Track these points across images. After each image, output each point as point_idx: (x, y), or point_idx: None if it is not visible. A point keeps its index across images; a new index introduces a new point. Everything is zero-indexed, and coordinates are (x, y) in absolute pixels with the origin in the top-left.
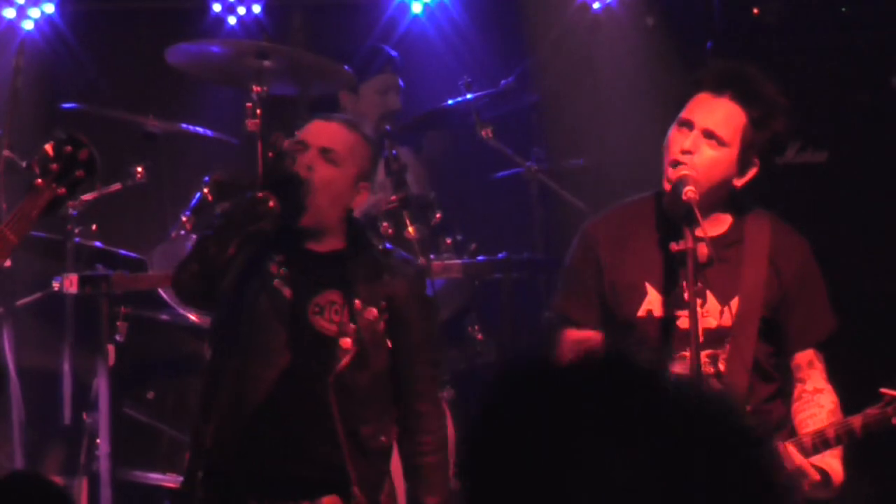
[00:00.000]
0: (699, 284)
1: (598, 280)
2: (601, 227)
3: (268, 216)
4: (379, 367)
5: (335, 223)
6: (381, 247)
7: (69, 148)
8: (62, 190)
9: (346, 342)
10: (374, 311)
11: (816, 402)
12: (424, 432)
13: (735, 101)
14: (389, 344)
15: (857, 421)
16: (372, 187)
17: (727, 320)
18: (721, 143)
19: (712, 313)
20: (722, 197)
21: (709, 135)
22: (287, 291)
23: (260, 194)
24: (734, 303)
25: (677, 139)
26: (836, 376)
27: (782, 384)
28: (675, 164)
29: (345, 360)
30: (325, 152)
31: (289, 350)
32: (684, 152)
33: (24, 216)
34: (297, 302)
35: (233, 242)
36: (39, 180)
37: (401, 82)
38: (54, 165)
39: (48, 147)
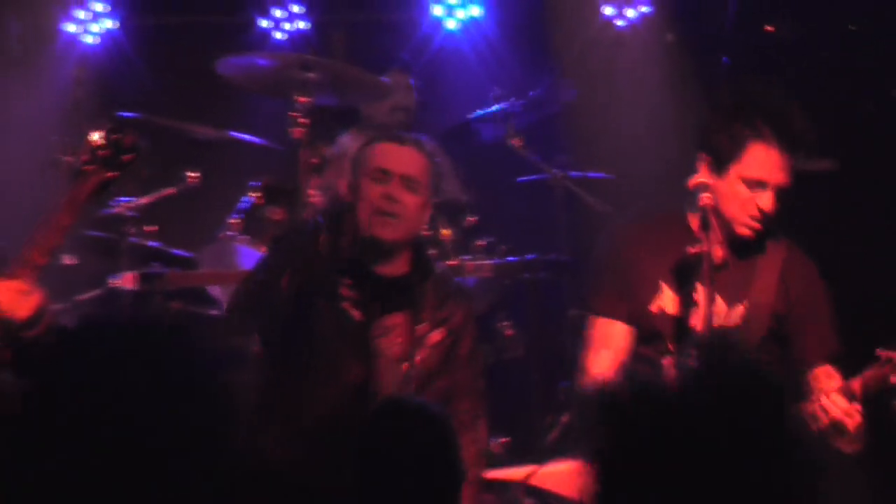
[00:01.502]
0: (713, 287)
1: (622, 276)
2: (629, 230)
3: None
4: (440, 388)
5: (409, 245)
6: (439, 270)
7: (115, 135)
8: (112, 174)
9: (415, 365)
10: (438, 335)
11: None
12: (463, 430)
13: (786, 151)
14: (445, 363)
15: (856, 384)
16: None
17: (731, 322)
18: (785, 189)
19: (718, 314)
20: None
21: (780, 189)
22: (357, 313)
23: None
24: (741, 308)
25: (751, 199)
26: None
27: None
28: (756, 220)
29: (414, 382)
30: (407, 181)
31: (352, 369)
32: (765, 214)
33: (74, 199)
34: (366, 323)
35: (285, 272)
36: (88, 166)
37: (411, 80)
38: (103, 152)
39: (96, 134)
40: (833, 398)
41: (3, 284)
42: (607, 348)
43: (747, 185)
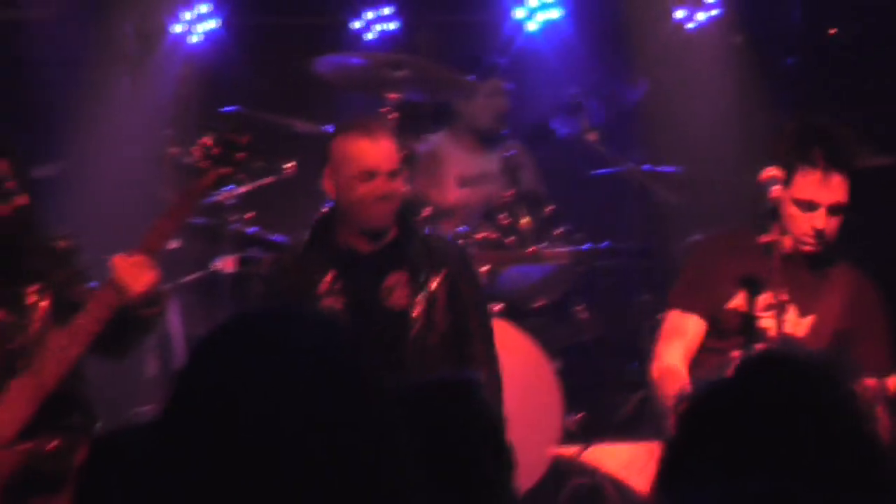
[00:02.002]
0: (785, 297)
1: (706, 279)
2: (713, 239)
3: None
4: (445, 329)
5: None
6: (424, 229)
7: (229, 134)
8: (226, 170)
9: (417, 311)
10: (435, 282)
11: None
12: (479, 368)
13: (834, 171)
14: (448, 309)
15: (892, 383)
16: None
17: (801, 332)
18: (844, 208)
19: (789, 322)
20: None
21: (834, 207)
22: (338, 302)
23: None
24: (810, 319)
25: (806, 220)
26: None
27: None
28: (814, 239)
29: (417, 326)
30: (390, 174)
31: (378, 347)
32: (819, 232)
33: (191, 192)
34: (364, 299)
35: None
36: (203, 162)
37: (506, 85)
38: (216, 150)
39: (210, 136)
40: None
41: (124, 260)
42: (679, 339)
43: (799, 206)
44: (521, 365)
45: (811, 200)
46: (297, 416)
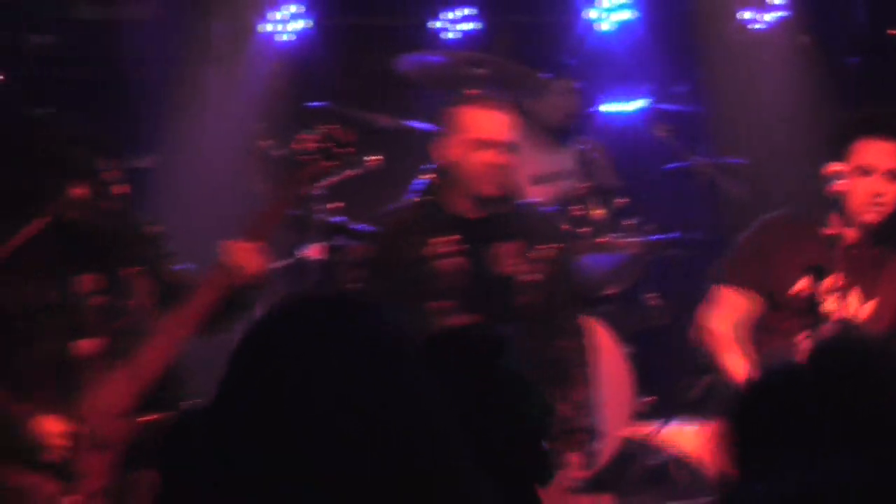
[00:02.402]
0: (850, 279)
1: (764, 259)
2: (774, 221)
3: None
4: (547, 299)
5: None
6: (521, 202)
7: (337, 130)
8: (331, 163)
9: (525, 278)
10: (544, 252)
11: None
12: (567, 335)
13: (890, 139)
14: (552, 280)
15: None
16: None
17: (863, 315)
18: None
19: (851, 303)
20: None
21: (892, 174)
22: (449, 265)
23: None
24: (873, 303)
25: (864, 186)
26: None
27: None
28: (872, 205)
29: (524, 294)
30: (507, 147)
31: (472, 307)
32: (877, 196)
33: (297, 181)
34: (472, 264)
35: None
36: (310, 155)
37: (576, 85)
38: (323, 144)
39: (317, 131)
40: None
41: (239, 245)
42: (728, 311)
43: (857, 173)
44: (595, 349)
45: (867, 165)
46: (335, 397)
